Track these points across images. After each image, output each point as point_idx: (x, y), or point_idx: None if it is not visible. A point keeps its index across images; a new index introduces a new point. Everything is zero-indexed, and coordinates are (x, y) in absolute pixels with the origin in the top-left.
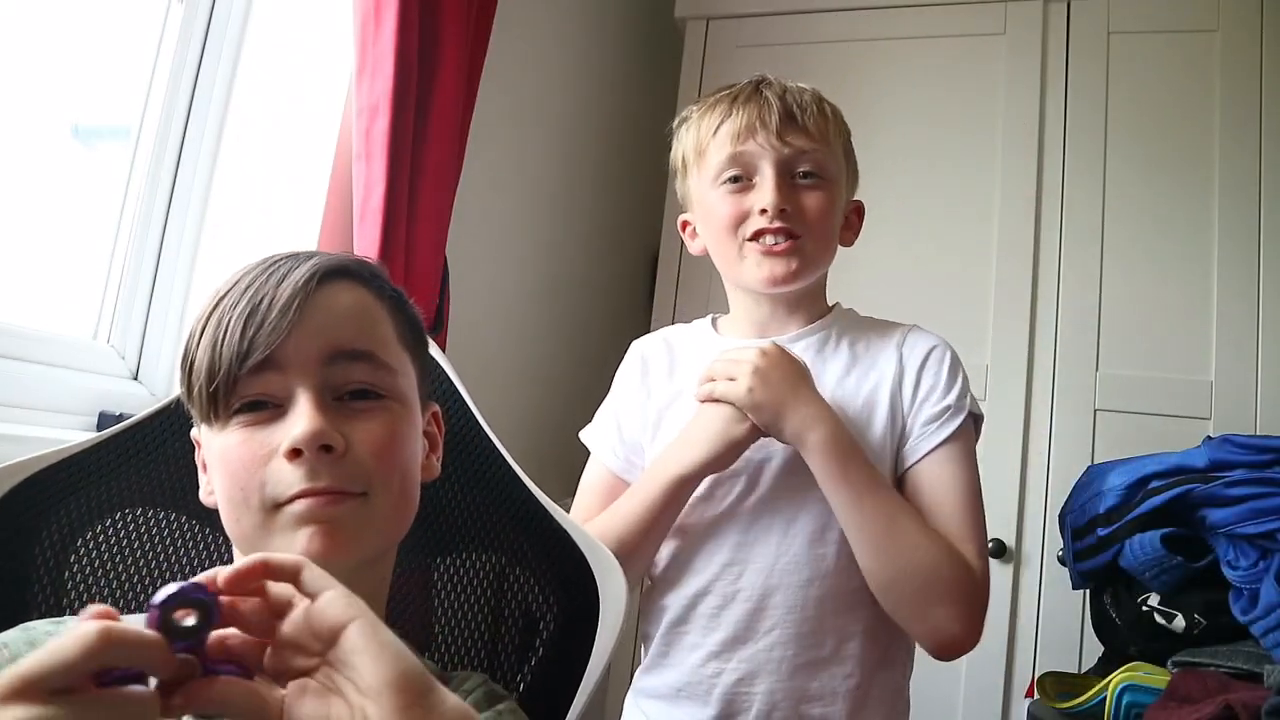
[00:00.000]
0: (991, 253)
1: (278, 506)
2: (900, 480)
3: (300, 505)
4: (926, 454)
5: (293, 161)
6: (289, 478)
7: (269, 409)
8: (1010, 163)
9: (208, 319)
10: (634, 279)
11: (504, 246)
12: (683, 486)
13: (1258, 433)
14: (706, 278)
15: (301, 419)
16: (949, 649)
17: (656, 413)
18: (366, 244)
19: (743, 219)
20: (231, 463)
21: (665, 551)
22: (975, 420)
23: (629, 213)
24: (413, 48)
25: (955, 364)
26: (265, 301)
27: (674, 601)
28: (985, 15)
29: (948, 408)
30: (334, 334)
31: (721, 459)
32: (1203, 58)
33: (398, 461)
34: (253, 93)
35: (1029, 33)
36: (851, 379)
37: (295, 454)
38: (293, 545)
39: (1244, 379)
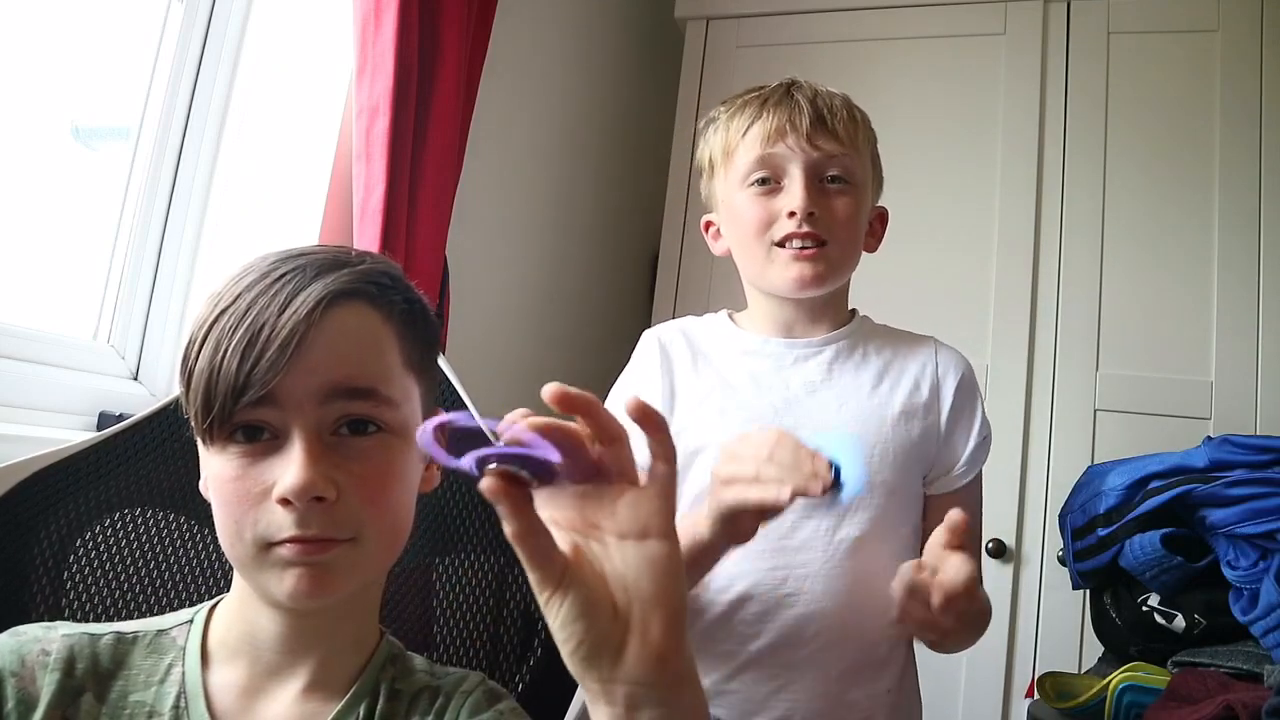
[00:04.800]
0: (991, 253)
1: (269, 545)
2: (926, 498)
3: (289, 550)
4: (960, 487)
5: (293, 161)
6: (281, 520)
7: (264, 438)
8: (1010, 163)
9: (207, 332)
10: (634, 279)
11: (504, 246)
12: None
13: (1258, 433)
14: (706, 278)
15: (293, 466)
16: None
17: (676, 405)
18: (366, 244)
19: (771, 222)
20: (226, 495)
21: None
22: None
23: (629, 213)
24: (413, 48)
25: (979, 391)
26: (265, 332)
27: (711, 606)
28: (985, 15)
29: (984, 440)
30: (334, 371)
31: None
32: (1203, 58)
33: (389, 503)
34: (253, 93)
35: (1029, 33)
36: (884, 388)
37: (287, 501)
38: (281, 583)
39: (1244, 379)
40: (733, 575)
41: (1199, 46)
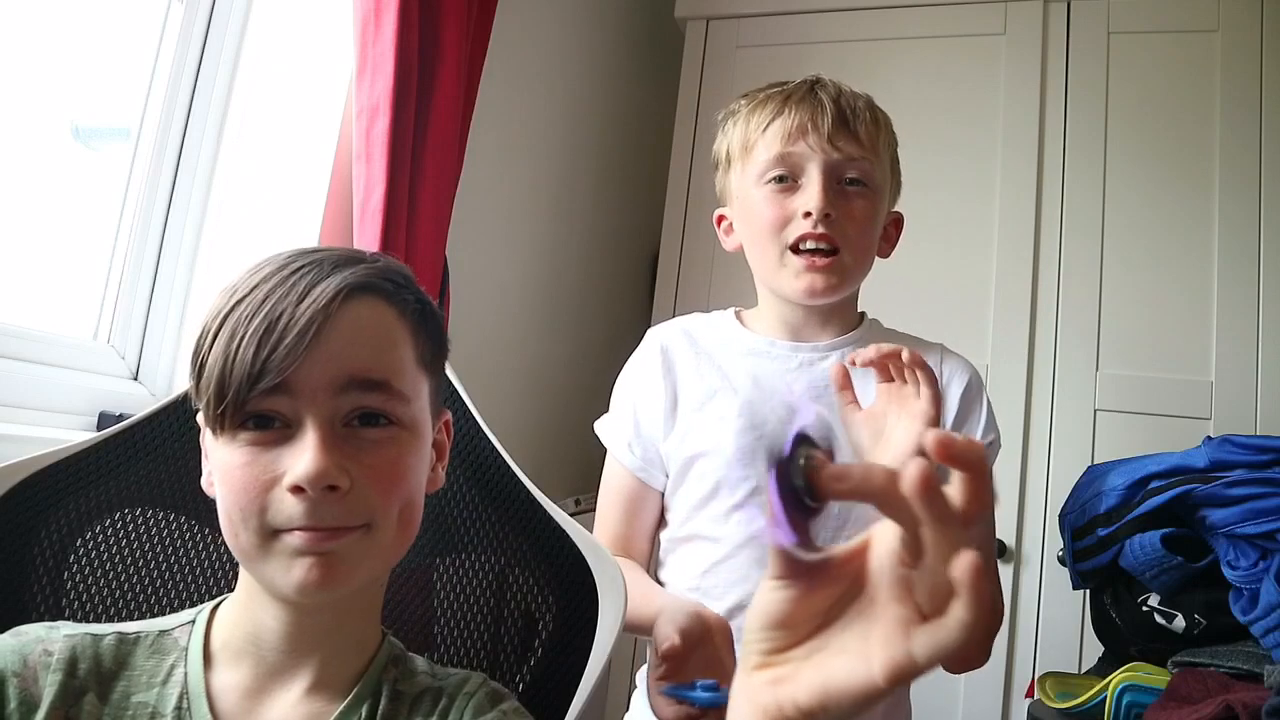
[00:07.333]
0: (991, 253)
1: (277, 533)
2: None
3: (299, 538)
4: None
5: (293, 161)
6: (291, 509)
7: (276, 427)
8: (1010, 163)
9: (222, 322)
10: (634, 279)
11: (504, 246)
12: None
13: (1258, 433)
14: (706, 278)
15: (307, 454)
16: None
17: (678, 409)
18: (366, 244)
19: (786, 222)
20: (234, 482)
21: (694, 560)
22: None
23: (629, 213)
24: (413, 48)
25: (986, 396)
26: (283, 321)
27: None
28: (985, 15)
29: (990, 444)
30: (349, 362)
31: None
32: (1203, 58)
33: (401, 494)
34: (253, 93)
35: (1029, 33)
36: None
37: (299, 489)
38: (289, 573)
39: (1244, 379)
40: (728, 584)
41: (1199, 46)
